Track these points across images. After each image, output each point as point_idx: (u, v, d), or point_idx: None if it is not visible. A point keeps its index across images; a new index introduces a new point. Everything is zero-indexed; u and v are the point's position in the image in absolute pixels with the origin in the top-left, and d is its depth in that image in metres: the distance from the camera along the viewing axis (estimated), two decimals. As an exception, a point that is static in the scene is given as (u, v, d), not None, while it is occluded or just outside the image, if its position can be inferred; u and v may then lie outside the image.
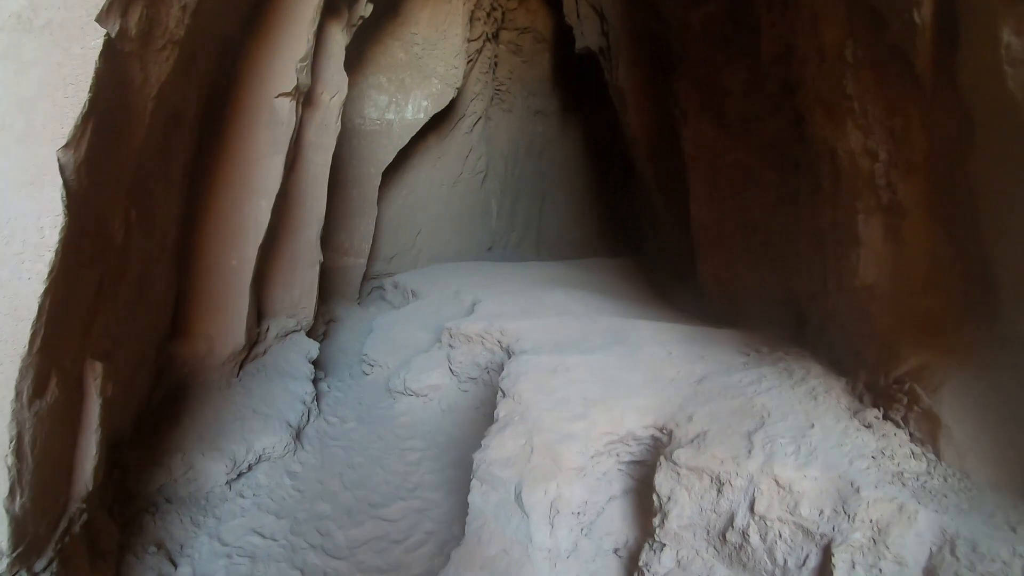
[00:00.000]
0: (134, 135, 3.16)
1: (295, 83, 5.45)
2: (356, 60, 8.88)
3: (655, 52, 8.68)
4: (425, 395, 5.86)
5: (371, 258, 10.12)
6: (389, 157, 9.40)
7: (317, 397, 5.86)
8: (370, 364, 6.69)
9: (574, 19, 10.79)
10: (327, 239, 9.42)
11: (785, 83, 5.31)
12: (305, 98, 5.97)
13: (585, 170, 14.79)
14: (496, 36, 11.81)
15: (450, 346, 6.00)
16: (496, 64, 12.24)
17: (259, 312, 5.76)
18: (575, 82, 13.92)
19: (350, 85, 9.10)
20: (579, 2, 10.31)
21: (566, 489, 3.34)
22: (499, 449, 3.50)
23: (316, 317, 6.70)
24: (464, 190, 12.37)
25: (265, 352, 5.71)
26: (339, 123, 6.53)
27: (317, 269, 6.52)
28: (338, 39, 6.55)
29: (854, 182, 4.15)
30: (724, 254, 6.19)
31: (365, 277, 10.03)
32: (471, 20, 10.32)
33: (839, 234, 4.44)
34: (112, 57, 2.74)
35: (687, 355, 4.82)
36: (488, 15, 11.01)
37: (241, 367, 5.48)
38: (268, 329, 5.77)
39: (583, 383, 4.07)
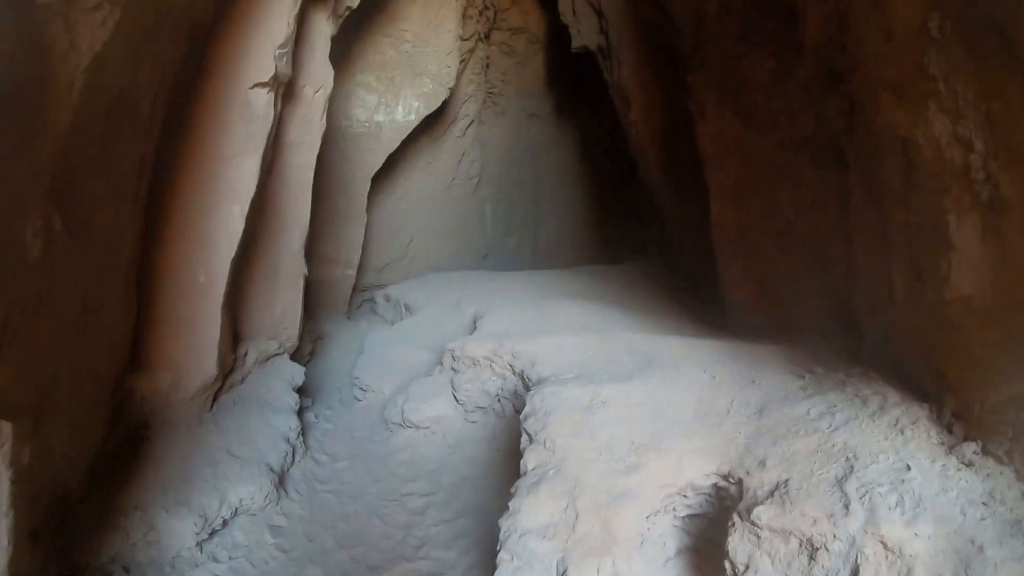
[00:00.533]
0: (55, 117, 2.37)
1: (273, 72, 4.65)
2: (343, 57, 8.10)
3: (660, 48, 8.03)
4: (427, 427, 5.05)
5: (361, 269, 9.31)
6: (379, 162, 8.61)
7: (303, 431, 5.02)
8: (362, 389, 5.86)
9: (570, 17, 10.11)
10: (313, 249, 8.59)
11: (831, 69, 4.63)
12: (285, 91, 5.17)
13: (582, 174, 14.10)
14: (488, 36, 11.10)
15: (453, 370, 5.20)
16: (488, 65, 11.53)
17: (235, 335, 4.93)
18: (569, 83, 13.27)
19: (336, 84, 8.32)
20: (576, 0, 9.63)
21: (624, 566, 2.58)
22: (533, 514, 2.73)
23: (301, 337, 5.88)
24: (458, 196, 11.60)
25: (243, 380, 4.88)
26: (324, 121, 5.73)
27: (301, 283, 5.69)
28: (323, 28, 5.77)
29: (939, 176, 3.46)
30: (752, 260, 5.48)
31: (355, 289, 9.21)
32: (464, 17, 9.58)
33: (914, 237, 3.75)
34: (13, 5, 1.95)
35: (734, 379, 4.10)
36: (480, 13, 10.29)
37: (215, 400, 4.64)
38: (246, 354, 4.94)
39: (627, 421, 3.33)
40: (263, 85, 4.63)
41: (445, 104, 9.37)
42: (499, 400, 4.80)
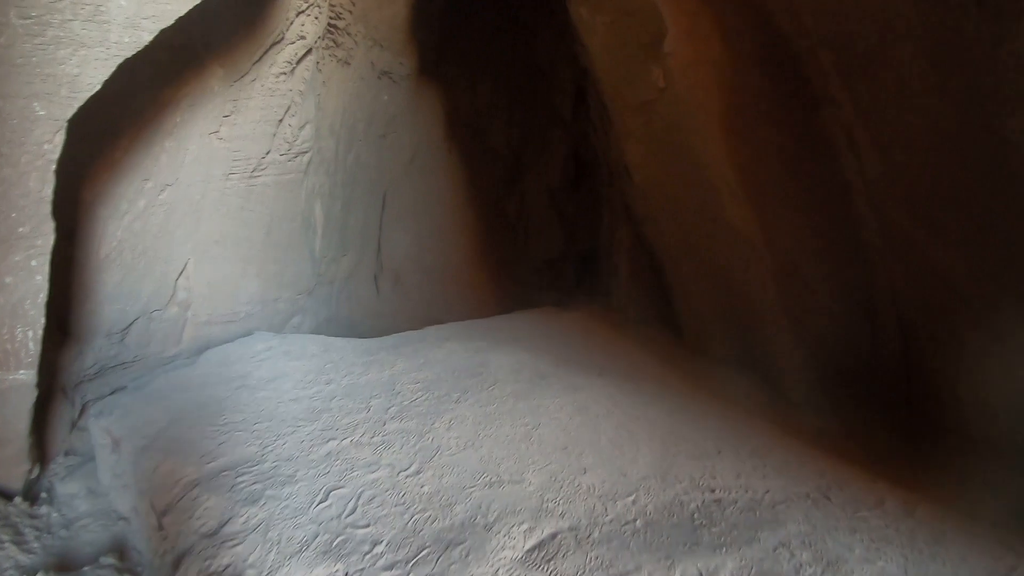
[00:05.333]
0: None
1: None
2: None
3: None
4: None
5: (77, 335, 3.47)
6: (95, 79, 2.94)
7: None
8: None
9: None
10: None
11: None
12: None
13: (447, 165, 9.36)
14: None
15: None
16: (330, -29, 6.19)
17: None
18: (438, 37, 8.56)
19: None
20: None
21: None
22: None
23: None
24: (272, 183, 6.13)
25: None
26: None
27: None
28: None
29: None
30: None
31: (44, 406, 3.28)
32: None
33: None
34: None
35: None
36: None
37: None
38: None
39: None
40: None
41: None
42: None
